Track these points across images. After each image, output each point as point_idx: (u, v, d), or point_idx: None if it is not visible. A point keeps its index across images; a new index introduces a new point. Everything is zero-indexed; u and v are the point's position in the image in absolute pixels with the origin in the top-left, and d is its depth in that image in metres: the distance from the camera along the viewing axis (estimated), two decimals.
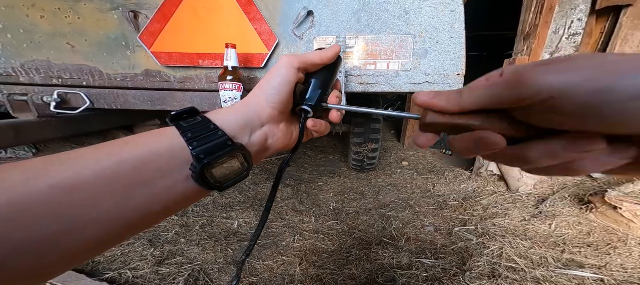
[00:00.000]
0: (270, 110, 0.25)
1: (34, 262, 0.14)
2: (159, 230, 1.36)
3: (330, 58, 0.28)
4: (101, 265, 1.12)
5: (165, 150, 0.19)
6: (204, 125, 0.21)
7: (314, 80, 0.28)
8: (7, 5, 0.63)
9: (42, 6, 0.65)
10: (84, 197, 0.15)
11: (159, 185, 0.18)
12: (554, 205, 1.48)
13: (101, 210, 0.16)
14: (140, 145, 0.18)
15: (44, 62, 0.72)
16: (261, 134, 0.25)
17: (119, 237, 0.18)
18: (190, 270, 1.10)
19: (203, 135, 0.20)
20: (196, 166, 0.19)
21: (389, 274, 1.05)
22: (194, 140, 0.20)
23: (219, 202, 1.63)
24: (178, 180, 0.19)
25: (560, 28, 1.87)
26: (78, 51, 0.72)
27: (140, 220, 0.18)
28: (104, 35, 0.71)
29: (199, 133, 0.20)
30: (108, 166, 0.17)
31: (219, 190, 0.21)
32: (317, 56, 0.27)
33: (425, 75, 0.97)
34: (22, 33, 0.68)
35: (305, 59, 0.26)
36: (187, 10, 0.71)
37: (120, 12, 0.68)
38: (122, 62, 0.75)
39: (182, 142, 0.20)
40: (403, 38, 0.92)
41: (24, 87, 0.74)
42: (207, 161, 0.19)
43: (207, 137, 0.20)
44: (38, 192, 0.14)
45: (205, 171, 0.19)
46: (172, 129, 0.21)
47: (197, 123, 0.21)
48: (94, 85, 0.79)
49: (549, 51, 1.94)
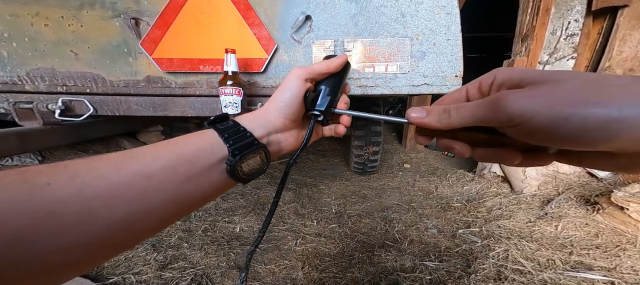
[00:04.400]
0: (283, 120, 0.29)
1: (125, 236, 0.18)
2: (162, 235, 1.36)
3: (337, 66, 0.31)
4: (105, 270, 1.12)
5: (207, 147, 0.23)
6: (235, 127, 0.25)
7: (323, 87, 0.30)
8: (12, 14, 0.65)
9: (46, 15, 0.67)
10: (155, 184, 0.19)
11: (203, 176, 0.22)
12: (559, 206, 1.45)
13: (167, 196, 0.20)
14: (188, 144, 0.22)
15: (49, 70, 0.74)
16: (275, 138, 0.29)
17: (172, 219, 0.21)
18: (193, 275, 1.10)
19: (236, 136, 0.25)
20: (231, 160, 0.23)
21: (392, 277, 1.04)
22: (230, 139, 0.24)
23: (221, 206, 1.63)
24: (216, 172, 0.23)
25: (557, 29, 1.87)
26: (81, 58, 0.74)
27: (188, 205, 0.22)
28: (106, 43, 0.73)
29: (233, 134, 0.25)
30: (171, 158, 0.21)
31: (243, 182, 0.25)
32: (323, 66, 0.30)
33: (423, 77, 0.97)
34: (27, 41, 0.69)
35: (312, 70, 0.30)
36: (188, 17, 0.72)
37: (121, 19, 0.70)
38: (124, 68, 0.77)
39: (220, 142, 0.24)
40: (400, 41, 0.93)
41: (29, 95, 0.76)
42: (239, 157, 0.23)
43: (239, 137, 0.25)
44: (126, 180, 0.18)
45: (237, 165, 0.23)
46: (210, 131, 0.25)
47: (229, 126, 0.25)
48: (97, 92, 0.80)
49: (548, 52, 1.93)
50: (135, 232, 0.18)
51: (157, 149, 0.21)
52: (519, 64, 1.90)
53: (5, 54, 0.70)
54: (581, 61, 1.91)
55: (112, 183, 0.17)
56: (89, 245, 0.16)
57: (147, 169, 0.19)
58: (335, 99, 0.31)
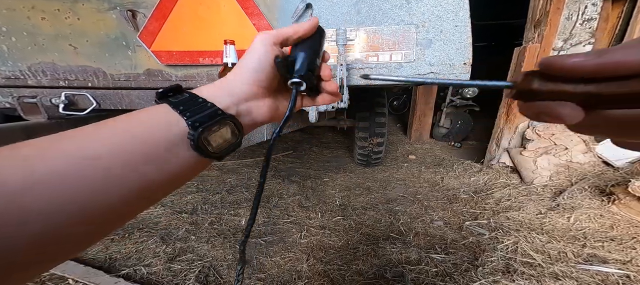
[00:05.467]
0: (249, 87, 0.26)
1: (81, 228, 0.16)
2: (170, 227, 1.39)
3: (307, 30, 0.28)
4: (117, 261, 1.16)
5: (163, 124, 0.20)
6: (192, 99, 0.22)
7: (300, 53, 0.27)
8: (8, 8, 0.65)
9: (41, 8, 0.66)
10: (108, 167, 0.17)
11: (165, 156, 0.19)
12: (572, 197, 1.41)
13: (122, 182, 0.17)
14: (138, 122, 0.20)
15: (50, 64, 0.74)
16: (245, 107, 0.26)
17: (134, 205, 0.19)
18: (200, 267, 1.12)
19: (193, 107, 0.21)
20: (193, 134, 0.20)
21: (397, 269, 1.03)
22: (187, 112, 0.21)
23: (227, 199, 1.65)
24: (181, 150, 0.20)
25: (573, 14, 1.78)
26: (80, 52, 0.73)
27: (155, 190, 0.19)
28: (104, 36, 0.72)
29: (189, 106, 0.21)
30: (121, 140, 0.18)
31: (217, 159, 0.22)
32: (291, 30, 0.27)
33: (430, 66, 0.94)
34: (26, 35, 0.69)
35: (279, 33, 0.27)
36: (185, 8, 0.71)
37: (117, 11, 0.69)
38: (124, 62, 0.76)
39: (175, 115, 0.21)
40: (405, 28, 0.89)
41: (33, 89, 0.76)
42: (201, 129, 0.20)
43: (197, 108, 0.21)
44: (74, 163, 0.16)
45: (202, 138, 0.21)
46: (163, 105, 0.21)
47: (185, 99, 0.22)
48: (98, 86, 0.80)
49: (563, 37, 1.85)
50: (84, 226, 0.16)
51: (106, 127, 0.18)
52: (531, 51, 1.82)
53: (5, 49, 0.70)
54: (599, 47, 1.82)
55: (57, 167, 0.15)
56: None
57: (96, 151, 0.17)
58: (314, 63, 0.28)
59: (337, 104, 0.96)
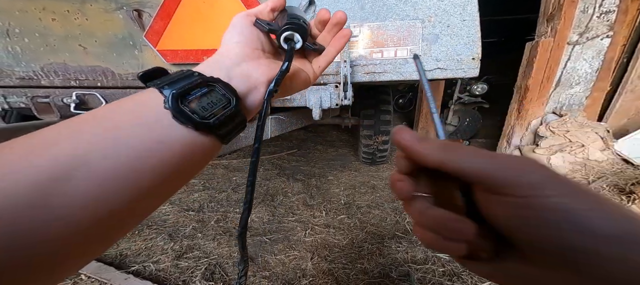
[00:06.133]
0: (241, 48, 0.25)
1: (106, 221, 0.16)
2: (177, 225, 1.41)
3: (281, 4, 0.28)
4: (128, 258, 1.19)
5: (142, 104, 0.19)
6: (173, 75, 0.21)
7: (281, 14, 0.27)
8: (20, 10, 0.67)
9: (52, 9, 0.69)
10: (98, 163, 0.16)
11: (154, 139, 0.18)
12: None
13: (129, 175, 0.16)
14: (126, 110, 0.18)
15: (61, 64, 0.76)
16: (239, 70, 0.24)
17: (140, 202, 0.18)
18: (206, 264, 1.13)
19: (172, 80, 0.20)
20: (168, 100, 0.18)
21: (403, 269, 1.02)
22: (163, 84, 0.19)
23: (232, 197, 1.67)
24: (166, 127, 0.18)
25: (589, 6, 1.71)
26: (90, 52, 0.75)
27: (154, 182, 0.18)
28: (112, 35, 0.74)
29: (167, 80, 0.20)
30: (114, 135, 0.17)
31: (216, 131, 0.20)
32: (263, 6, 0.27)
33: (437, 61, 0.92)
34: (38, 37, 0.72)
35: (256, 9, 0.27)
36: (189, 7, 0.72)
37: (124, 11, 0.71)
38: (131, 61, 0.78)
39: (155, 93, 0.19)
40: (410, 23, 0.87)
41: (46, 89, 0.79)
42: (175, 91, 0.18)
43: (176, 80, 0.20)
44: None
45: (180, 103, 0.19)
46: (148, 89, 0.20)
47: (167, 77, 0.21)
48: (107, 86, 0.82)
49: (578, 31, 1.77)
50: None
51: (95, 121, 0.17)
52: (544, 45, 1.76)
53: (18, 50, 0.73)
54: (618, 40, 1.74)
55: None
56: None
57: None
58: (299, 17, 0.27)
59: (341, 102, 0.95)
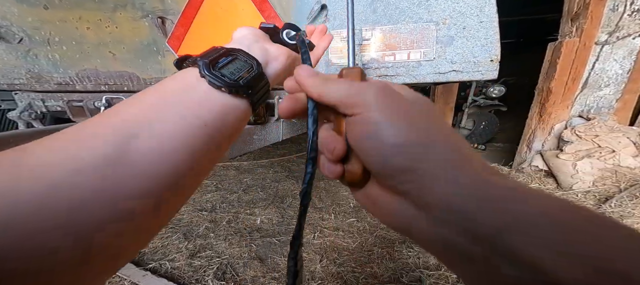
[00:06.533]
0: (252, 33, 0.28)
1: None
2: (191, 224, 1.46)
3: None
4: (146, 255, 1.24)
5: (180, 78, 0.22)
6: (201, 53, 0.24)
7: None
8: (61, 20, 0.74)
9: (87, 18, 0.75)
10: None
11: (195, 105, 0.20)
12: (621, 205, 1.25)
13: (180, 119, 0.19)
14: (170, 85, 0.22)
15: (93, 70, 0.83)
16: (259, 46, 0.27)
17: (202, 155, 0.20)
18: (218, 264, 1.17)
19: (202, 55, 0.23)
20: (201, 66, 0.21)
21: (415, 274, 0.99)
22: (195, 59, 0.23)
23: (243, 199, 1.71)
24: (203, 94, 0.21)
25: (619, 4, 1.61)
26: (118, 58, 0.81)
27: (201, 142, 0.20)
28: (138, 42, 0.80)
29: (197, 56, 0.23)
30: (164, 101, 0.20)
31: (243, 92, 0.22)
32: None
33: (452, 64, 0.90)
34: (74, 44, 0.79)
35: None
36: (207, 13, 0.76)
37: (149, 19, 0.76)
38: (154, 66, 0.83)
39: (190, 70, 0.22)
40: (424, 26, 0.87)
41: (80, 93, 0.86)
42: (206, 60, 0.22)
43: (204, 54, 0.23)
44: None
45: (214, 69, 0.22)
46: (182, 70, 0.24)
47: (195, 57, 0.24)
48: (133, 90, 0.88)
49: (607, 30, 1.67)
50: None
51: (145, 95, 0.20)
52: (568, 46, 1.67)
53: (57, 57, 0.80)
54: None
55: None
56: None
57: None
58: (298, 28, 0.31)
59: None
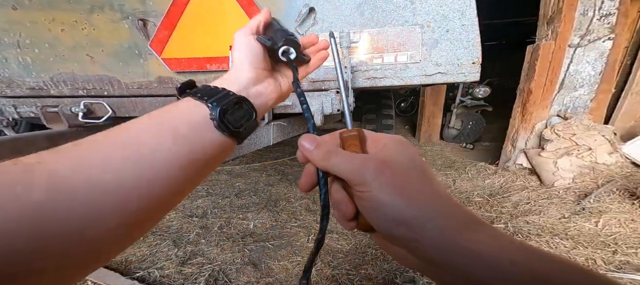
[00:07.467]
0: (253, 71, 0.29)
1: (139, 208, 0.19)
2: (181, 231, 1.41)
3: (267, 15, 0.32)
4: (133, 264, 1.19)
5: (184, 110, 0.24)
6: (207, 88, 0.26)
7: (273, 28, 0.31)
8: (31, 21, 0.70)
9: (61, 20, 0.71)
10: (147, 152, 0.20)
11: (192, 137, 0.22)
12: (599, 201, 1.32)
13: (163, 157, 0.20)
14: (168, 115, 0.23)
15: (69, 74, 0.78)
16: (254, 90, 0.29)
17: (182, 184, 0.22)
18: (210, 270, 1.13)
19: (210, 93, 0.25)
20: (215, 114, 0.23)
21: (408, 275, 1.00)
22: (205, 96, 0.24)
23: (235, 203, 1.67)
24: (204, 131, 0.23)
25: (588, 9, 1.71)
26: (97, 61, 0.78)
27: (195, 168, 0.22)
28: (118, 45, 0.76)
29: (206, 93, 0.25)
30: (156, 128, 0.21)
31: (238, 137, 0.25)
32: (255, 20, 0.32)
33: (437, 66, 0.92)
34: (48, 47, 0.74)
35: (249, 25, 0.31)
36: (192, 16, 0.74)
37: (129, 21, 0.73)
38: (136, 70, 0.80)
39: (196, 102, 0.24)
40: (410, 29, 0.88)
41: (55, 99, 0.81)
42: (221, 106, 0.23)
43: (213, 93, 0.25)
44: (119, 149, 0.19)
45: (223, 117, 0.23)
46: (182, 100, 0.25)
47: (200, 88, 0.26)
48: (114, 95, 0.85)
49: (579, 34, 1.77)
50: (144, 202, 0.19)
51: (141, 122, 0.22)
52: (545, 48, 1.75)
53: (29, 60, 0.75)
54: (620, 42, 1.73)
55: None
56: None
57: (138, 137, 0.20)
58: (290, 32, 0.32)
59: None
